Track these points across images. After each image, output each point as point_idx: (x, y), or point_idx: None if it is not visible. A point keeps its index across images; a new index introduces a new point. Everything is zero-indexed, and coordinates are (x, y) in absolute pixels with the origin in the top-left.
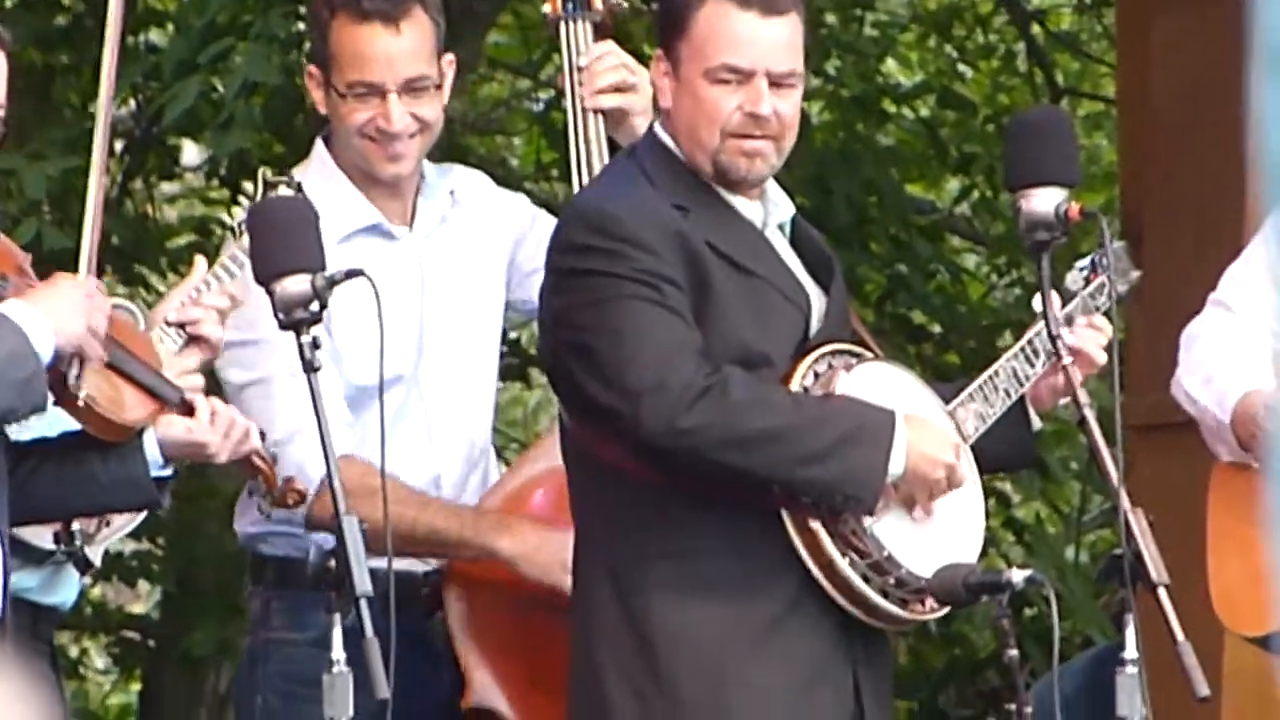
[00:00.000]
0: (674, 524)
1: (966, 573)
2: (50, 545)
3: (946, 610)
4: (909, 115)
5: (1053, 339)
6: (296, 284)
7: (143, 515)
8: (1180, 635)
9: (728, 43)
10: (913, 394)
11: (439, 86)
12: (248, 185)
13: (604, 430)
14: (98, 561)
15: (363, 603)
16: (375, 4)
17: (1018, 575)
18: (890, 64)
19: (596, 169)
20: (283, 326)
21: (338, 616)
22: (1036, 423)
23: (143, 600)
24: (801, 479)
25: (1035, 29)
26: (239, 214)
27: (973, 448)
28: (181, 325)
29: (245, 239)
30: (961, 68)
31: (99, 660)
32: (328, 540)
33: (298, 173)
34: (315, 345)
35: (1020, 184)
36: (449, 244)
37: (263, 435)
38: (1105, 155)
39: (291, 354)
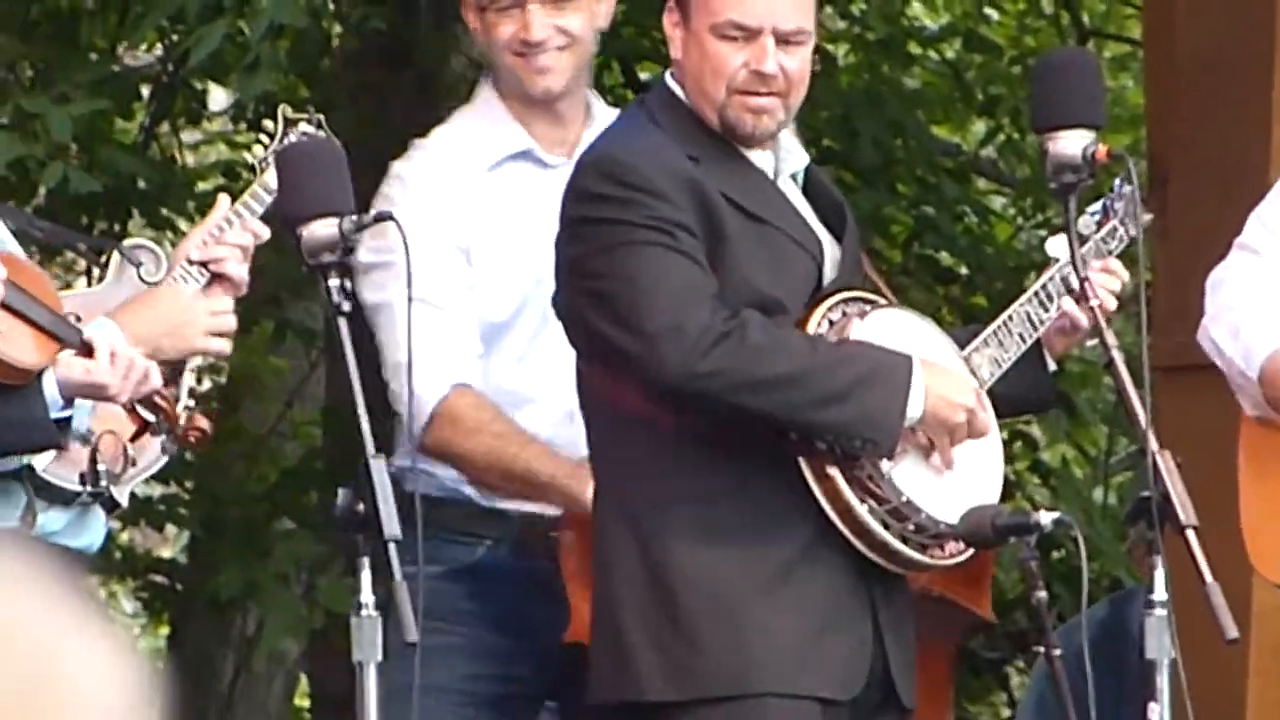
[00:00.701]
0: (691, 470)
1: (994, 514)
2: (76, 486)
3: (968, 555)
4: (934, 57)
5: (1081, 281)
6: (324, 228)
7: (165, 457)
8: (1209, 576)
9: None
10: (928, 340)
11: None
12: (268, 123)
13: (622, 375)
14: (124, 502)
15: (391, 546)
16: None
17: (1045, 517)
18: (916, 6)
19: None
20: (309, 270)
21: (366, 560)
22: (1052, 365)
23: (170, 544)
24: (819, 421)
25: None
26: (259, 152)
27: (990, 392)
28: (204, 264)
29: (268, 176)
30: (987, 10)
31: (127, 605)
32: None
33: (463, 109)
34: (343, 289)
35: (1046, 126)
36: None
37: (177, 373)
38: (1132, 97)
39: (428, 278)
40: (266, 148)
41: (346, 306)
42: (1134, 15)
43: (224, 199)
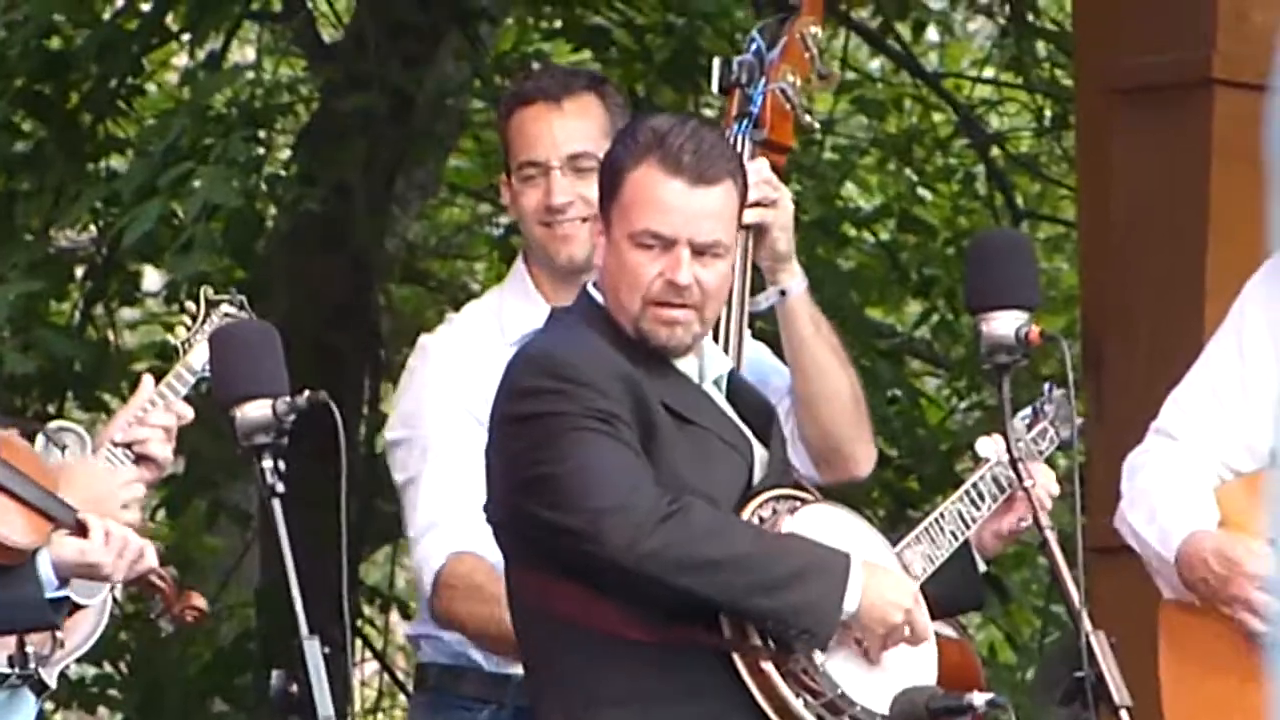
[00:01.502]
0: (627, 671)
1: (929, 696)
2: (4, 668)
3: None
4: (869, 239)
5: (1013, 461)
6: (257, 409)
7: (95, 636)
8: None
9: (652, 209)
10: (859, 536)
11: None
12: (190, 305)
13: (564, 556)
14: (53, 684)
15: None
16: (539, 85)
17: (979, 698)
18: (850, 187)
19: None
20: (243, 453)
21: None
22: (982, 565)
23: None
24: (758, 607)
25: (995, 152)
26: (181, 333)
27: (921, 589)
28: (128, 445)
29: (191, 356)
30: (921, 191)
31: None
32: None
33: (497, 288)
34: (277, 471)
35: (980, 307)
36: None
37: (162, 560)
38: (1066, 279)
39: (443, 452)
40: (189, 329)
41: (280, 488)
42: (1068, 196)
43: (148, 380)
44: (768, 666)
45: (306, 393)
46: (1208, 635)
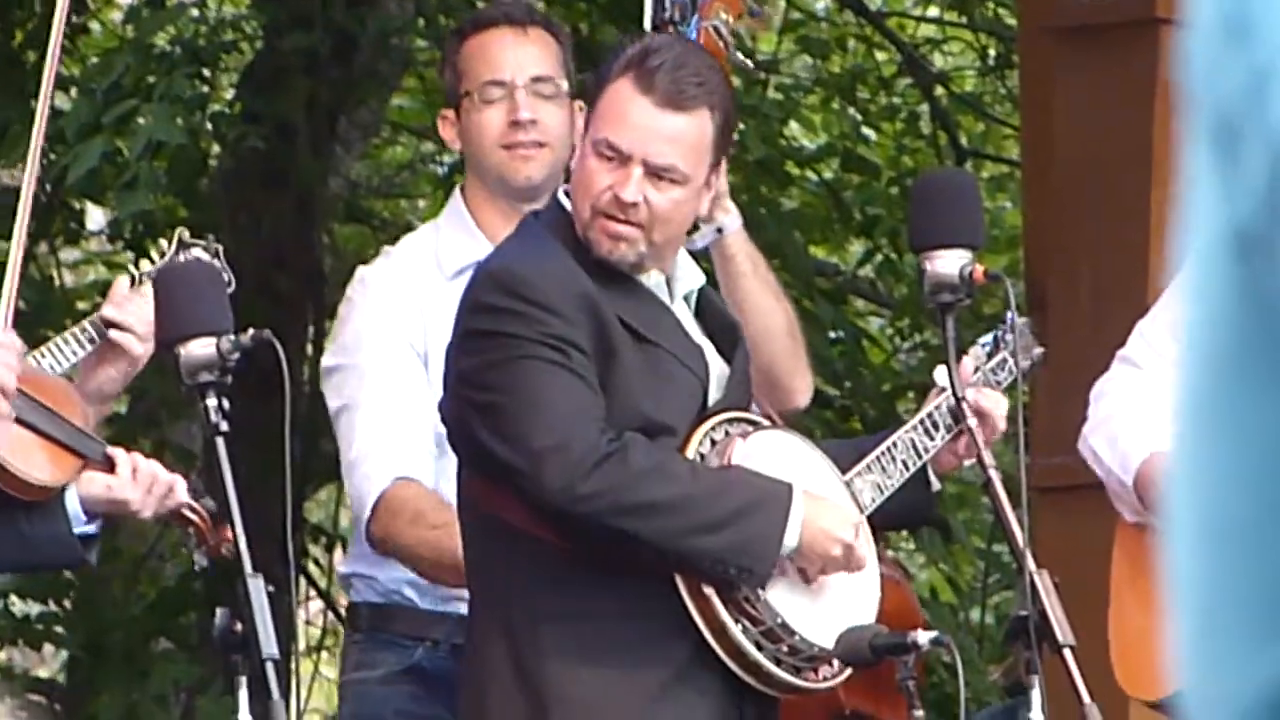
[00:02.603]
0: (569, 587)
1: (872, 634)
2: None
3: (843, 678)
4: (813, 178)
5: (957, 400)
6: (201, 347)
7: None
8: (1087, 697)
9: (615, 121)
10: (810, 464)
11: (566, 100)
12: (162, 242)
13: (505, 488)
14: None
15: (269, 665)
16: (502, 10)
17: (923, 636)
18: (793, 127)
19: None
20: (187, 391)
21: (244, 679)
22: (935, 484)
23: (48, 663)
24: (696, 548)
25: (939, 91)
26: (146, 266)
27: (869, 515)
28: (113, 324)
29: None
30: (865, 130)
31: None
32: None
33: (431, 224)
34: (221, 409)
35: (924, 246)
36: None
37: (193, 491)
38: (1009, 218)
39: (382, 378)
40: (153, 263)
41: (224, 426)
42: (1012, 136)
43: (124, 279)
44: (709, 591)
45: (250, 331)
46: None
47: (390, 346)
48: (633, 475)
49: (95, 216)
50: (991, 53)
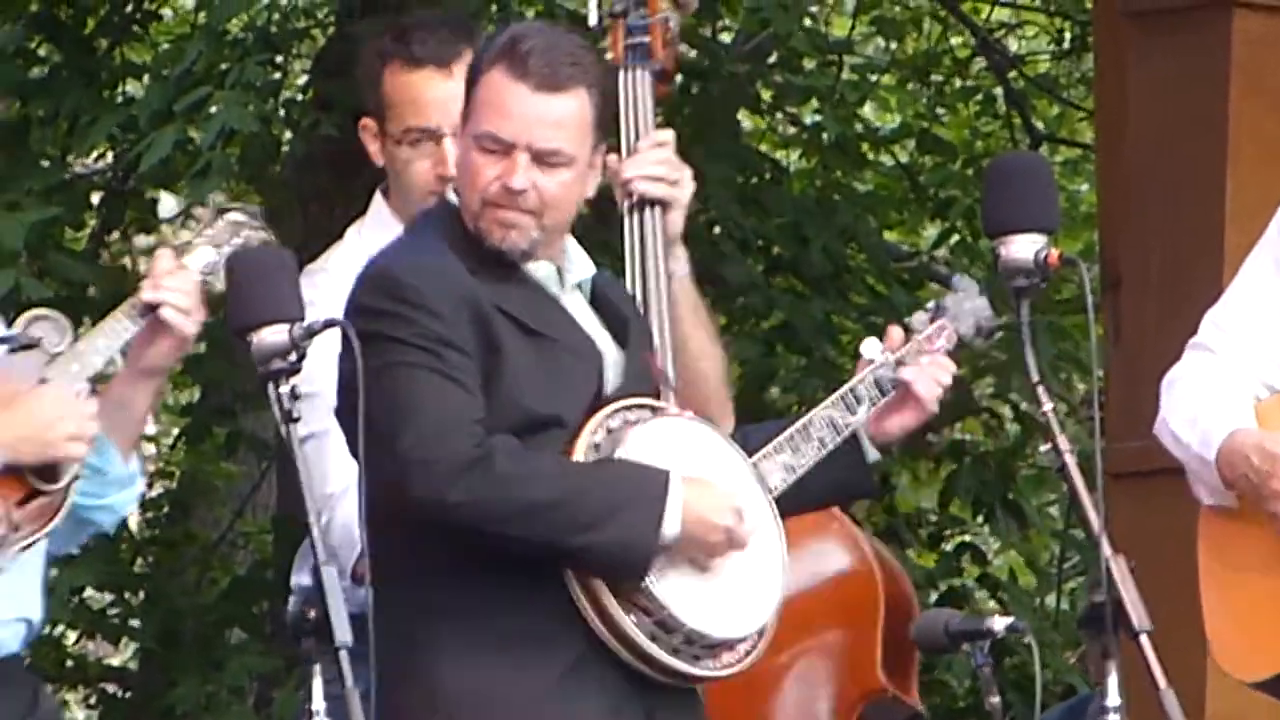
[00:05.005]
0: (461, 580)
1: (948, 619)
2: None
3: (745, 664)
4: (888, 161)
5: (1033, 385)
6: (274, 334)
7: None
8: (1163, 682)
9: (494, 112)
10: (709, 449)
11: None
12: (199, 210)
13: (384, 492)
14: (6, 566)
15: (342, 653)
16: (426, 49)
17: (999, 622)
18: (868, 108)
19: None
20: (260, 378)
21: (317, 667)
22: (873, 455)
23: (121, 651)
24: (574, 547)
25: (1013, 74)
26: (185, 235)
27: (801, 481)
28: (152, 307)
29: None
30: (940, 111)
31: (79, 713)
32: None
33: (356, 227)
34: (294, 395)
35: (999, 230)
36: None
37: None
38: (1084, 200)
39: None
40: (192, 231)
41: (296, 413)
42: (1086, 119)
43: (165, 252)
44: (597, 584)
45: (323, 318)
46: (1248, 540)
47: None
48: (499, 481)
49: (168, 203)
50: (1066, 36)
